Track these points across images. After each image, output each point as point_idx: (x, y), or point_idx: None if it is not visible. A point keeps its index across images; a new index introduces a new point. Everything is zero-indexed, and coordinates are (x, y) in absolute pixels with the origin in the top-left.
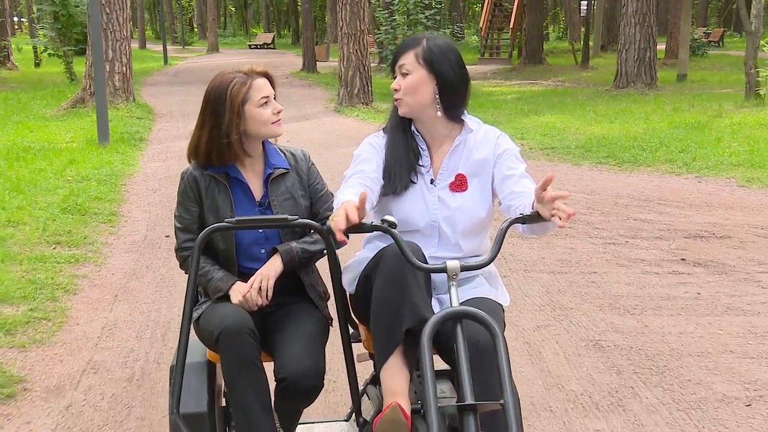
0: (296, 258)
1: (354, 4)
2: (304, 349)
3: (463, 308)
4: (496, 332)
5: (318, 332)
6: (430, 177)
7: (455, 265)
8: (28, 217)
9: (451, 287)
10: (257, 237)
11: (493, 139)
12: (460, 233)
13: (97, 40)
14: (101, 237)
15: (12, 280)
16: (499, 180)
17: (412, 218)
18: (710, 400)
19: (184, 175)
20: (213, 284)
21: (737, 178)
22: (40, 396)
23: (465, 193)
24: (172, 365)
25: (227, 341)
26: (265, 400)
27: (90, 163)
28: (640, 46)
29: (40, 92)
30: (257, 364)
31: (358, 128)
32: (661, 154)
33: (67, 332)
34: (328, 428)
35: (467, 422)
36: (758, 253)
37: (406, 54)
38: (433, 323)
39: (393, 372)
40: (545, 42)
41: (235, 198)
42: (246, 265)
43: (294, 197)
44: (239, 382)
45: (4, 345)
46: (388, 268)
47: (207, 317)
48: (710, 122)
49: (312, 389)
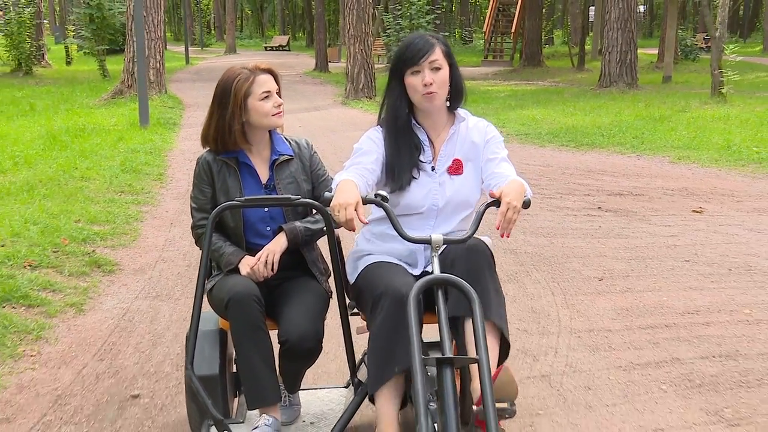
0: (299, 236)
1: (360, 9)
2: (304, 316)
3: (445, 276)
4: (473, 298)
5: (318, 302)
6: (431, 165)
7: (439, 239)
8: (96, 175)
9: (434, 258)
10: (263, 215)
11: (483, 127)
12: (456, 213)
13: (140, 37)
14: (154, 189)
15: (95, 212)
16: (483, 162)
17: (415, 204)
18: (576, 278)
19: (199, 161)
20: (224, 258)
21: (671, 156)
22: (130, 273)
23: (461, 176)
24: (188, 334)
25: (236, 306)
26: (269, 359)
27: (136, 140)
28: (621, 49)
29: (77, 87)
30: (262, 327)
31: (361, 117)
32: (616, 139)
33: (141, 242)
34: (329, 393)
35: (445, 373)
36: (659, 204)
37: (436, 50)
38: (417, 287)
39: (386, 399)
40: (551, 46)
41: (243, 180)
42: (253, 241)
43: (297, 181)
44: (246, 342)
45: (102, 246)
46: (386, 311)
47: (219, 287)
48: (673, 116)
49: (311, 351)
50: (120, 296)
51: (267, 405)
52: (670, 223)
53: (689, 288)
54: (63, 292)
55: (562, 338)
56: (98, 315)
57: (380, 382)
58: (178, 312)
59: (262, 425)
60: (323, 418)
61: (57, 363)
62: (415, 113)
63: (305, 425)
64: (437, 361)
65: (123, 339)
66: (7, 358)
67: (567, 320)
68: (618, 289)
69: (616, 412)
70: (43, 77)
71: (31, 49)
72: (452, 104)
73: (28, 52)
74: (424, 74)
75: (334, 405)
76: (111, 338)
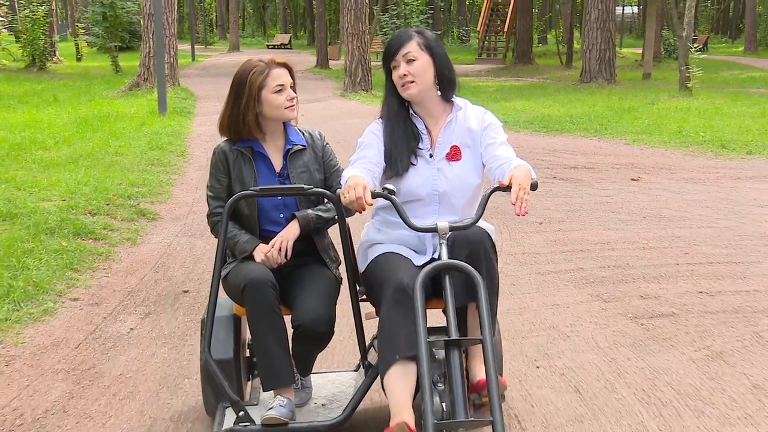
0: (312, 223)
1: (357, 9)
2: (317, 301)
3: (451, 261)
4: (478, 282)
5: (330, 288)
6: (429, 152)
7: (444, 225)
8: (128, 151)
9: (441, 245)
10: (277, 203)
11: (480, 114)
12: (458, 199)
13: (158, 31)
14: (178, 162)
15: (133, 178)
16: (484, 147)
17: (414, 190)
18: (521, 223)
19: (215, 151)
20: (239, 246)
21: (627, 140)
22: (168, 220)
23: (460, 162)
24: (203, 318)
25: (252, 291)
26: (283, 342)
27: (157, 125)
28: (601, 47)
29: (93, 81)
30: (277, 311)
31: (358, 108)
32: (583, 125)
33: (174, 199)
34: (339, 376)
35: (453, 354)
36: (605, 175)
37: (409, 43)
38: (425, 273)
39: (396, 383)
40: (544, 45)
41: (258, 170)
42: (267, 228)
43: (310, 170)
44: (262, 326)
45: (143, 201)
46: (390, 299)
47: (234, 273)
48: (641, 107)
49: (324, 335)
50: (163, 235)
51: (282, 386)
52: (609, 188)
53: (608, 229)
54: (119, 231)
55: (501, 258)
56: (149, 246)
57: (389, 365)
58: (211, 245)
59: (277, 405)
60: (334, 400)
61: (124, 274)
62: (412, 104)
63: (317, 407)
64: (445, 342)
65: (171, 260)
66: (87, 269)
67: (507, 248)
68: (552, 229)
69: (530, 296)
70: (56, 72)
71: (45, 46)
72: (444, 93)
73: (42, 48)
74: (399, 67)
75: (345, 387)
76: (161, 259)
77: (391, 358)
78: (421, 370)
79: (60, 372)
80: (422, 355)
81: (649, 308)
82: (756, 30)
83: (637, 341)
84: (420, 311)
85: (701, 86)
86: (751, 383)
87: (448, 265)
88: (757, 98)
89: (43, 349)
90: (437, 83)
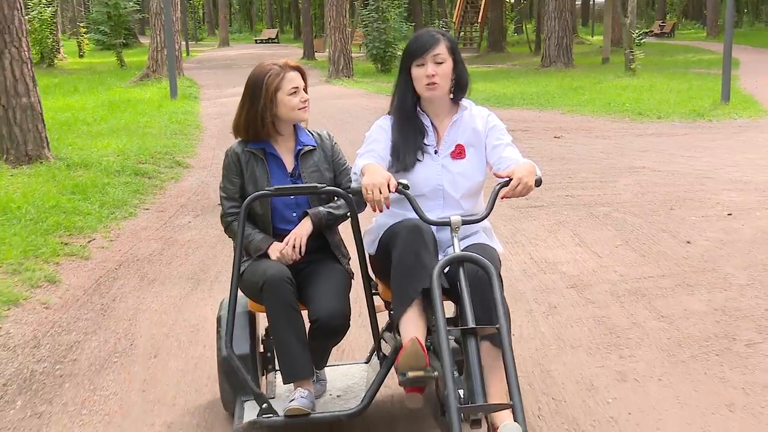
0: (323, 220)
1: (338, 4)
2: (333, 296)
3: (464, 253)
4: (491, 272)
5: (343, 283)
6: (435, 149)
7: (457, 219)
8: (154, 125)
9: (454, 238)
10: (289, 202)
11: (485, 116)
12: (460, 195)
13: (169, 28)
14: (196, 132)
15: (163, 142)
16: (490, 149)
17: (419, 184)
18: None
19: (228, 153)
20: (254, 244)
21: (563, 110)
22: (198, 168)
23: (463, 160)
24: (218, 316)
25: (271, 288)
26: (302, 337)
27: (171, 106)
28: (559, 35)
29: (102, 75)
30: (295, 307)
31: (341, 91)
32: (531, 101)
33: (198, 155)
34: (350, 369)
35: (469, 342)
36: (534, 134)
37: (439, 46)
38: (440, 264)
39: (410, 322)
40: (519, 34)
41: (270, 170)
42: (280, 226)
43: (320, 170)
44: (282, 322)
45: (176, 156)
46: (404, 239)
47: (251, 271)
48: (588, 86)
49: (340, 328)
50: (196, 176)
51: (301, 379)
52: (534, 143)
53: None
54: (164, 173)
55: None
56: (188, 182)
57: (405, 304)
58: None
59: (298, 397)
60: (348, 391)
61: (175, 196)
62: (420, 102)
63: (332, 398)
64: (462, 331)
65: (204, 189)
66: (149, 194)
67: None
68: None
69: None
70: (64, 68)
71: (53, 44)
72: (455, 96)
73: (50, 46)
74: (427, 67)
75: (357, 379)
76: (198, 189)
77: (409, 295)
78: (443, 359)
79: (151, 240)
80: (444, 347)
81: (529, 203)
82: (717, 16)
83: (514, 217)
84: (438, 302)
85: (646, 67)
86: (579, 239)
87: (461, 257)
88: (691, 77)
89: (137, 231)
90: (453, 86)
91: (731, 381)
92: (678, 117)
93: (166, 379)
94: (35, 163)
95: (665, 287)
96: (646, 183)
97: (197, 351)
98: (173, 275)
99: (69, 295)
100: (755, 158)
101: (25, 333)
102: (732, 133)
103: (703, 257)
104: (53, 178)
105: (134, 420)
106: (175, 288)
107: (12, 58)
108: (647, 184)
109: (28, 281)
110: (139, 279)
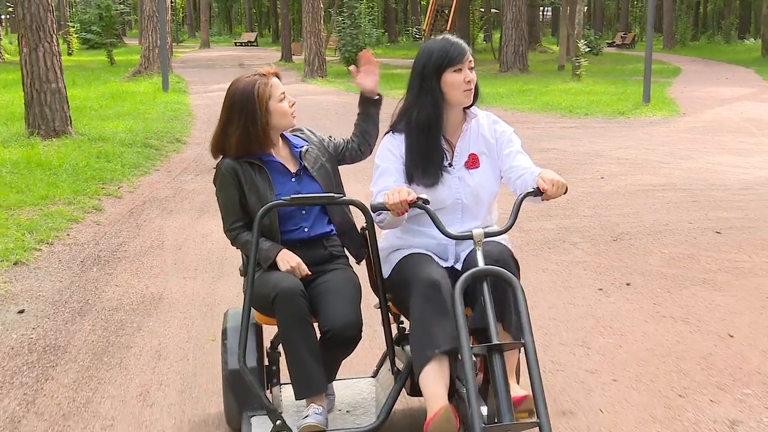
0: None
1: (314, 11)
2: (345, 306)
3: (489, 267)
4: (517, 286)
5: (354, 292)
6: (449, 162)
7: (480, 233)
8: (152, 111)
9: (477, 251)
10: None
11: (491, 123)
12: (480, 206)
13: (163, 27)
14: (188, 118)
15: (162, 125)
16: (500, 158)
17: (439, 199)
18: None
19: (220, 167)
20: (262, 254)
21: (506, 107)
22: (192, 144)
23: (478, 170)
24: (224, 328)
25: (283, 301)
26: (315, 350)
27: (165, 98)
28: (515, 43)
29: (95, 71)
30: (308, 320)
31: (315, 89)
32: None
33: (193, 135)
34: (357, 383)
35: (495, 359)
36: None
37: (468, 53)
38: (463, 279)
39: (433, 379)
40: (488, 42)
41: (272, 176)
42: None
43: (323, 164)
44: (295, 335)
45: (175, 134)
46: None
47: (261, 283)
48: (535, 89)
49: (353, 339)
50: (194, 149)
51: (315, 394)
52: None
53: None
54: (168, 147)
55: None
56: (187, 153)
57: (424, 361)
58: None
59: (312, 413)
60: (358, 406)
61: (178, 162)
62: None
63: (342, 413)
64: (488, 348)
65: (202, 158)
66: (157, 160)
67: None
68: None
69: None
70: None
71: None
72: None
73: None
74: (465, 72)
75: (366, 394)
76: (197, 158)
77: (428, 354)
78: (466, 376)
79: (165, 188)
80: (467, 363)
81: None
82: (673, 29)
83: None
84: (461, 319)
85: (594, 74)
86: None
87: (485, 271)
88: (629, 83)
89: (153, 183)
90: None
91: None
92: (602, 114)
93: (189, 259)
94: (61, 137)
95: (540, 218)
96: (549, 158)
97: (209, 245)
98: (185, 208)
99: (112, 218)
100: (645, 144)
101: (87, 236)
102: (640, 127)
103: (569, 202)
104: (79, 147)
105: (168, 275)
106: (187, 215)
107: (45, 51)
108: (549, 159)
109: (81, 209)
110: (160, 210)
